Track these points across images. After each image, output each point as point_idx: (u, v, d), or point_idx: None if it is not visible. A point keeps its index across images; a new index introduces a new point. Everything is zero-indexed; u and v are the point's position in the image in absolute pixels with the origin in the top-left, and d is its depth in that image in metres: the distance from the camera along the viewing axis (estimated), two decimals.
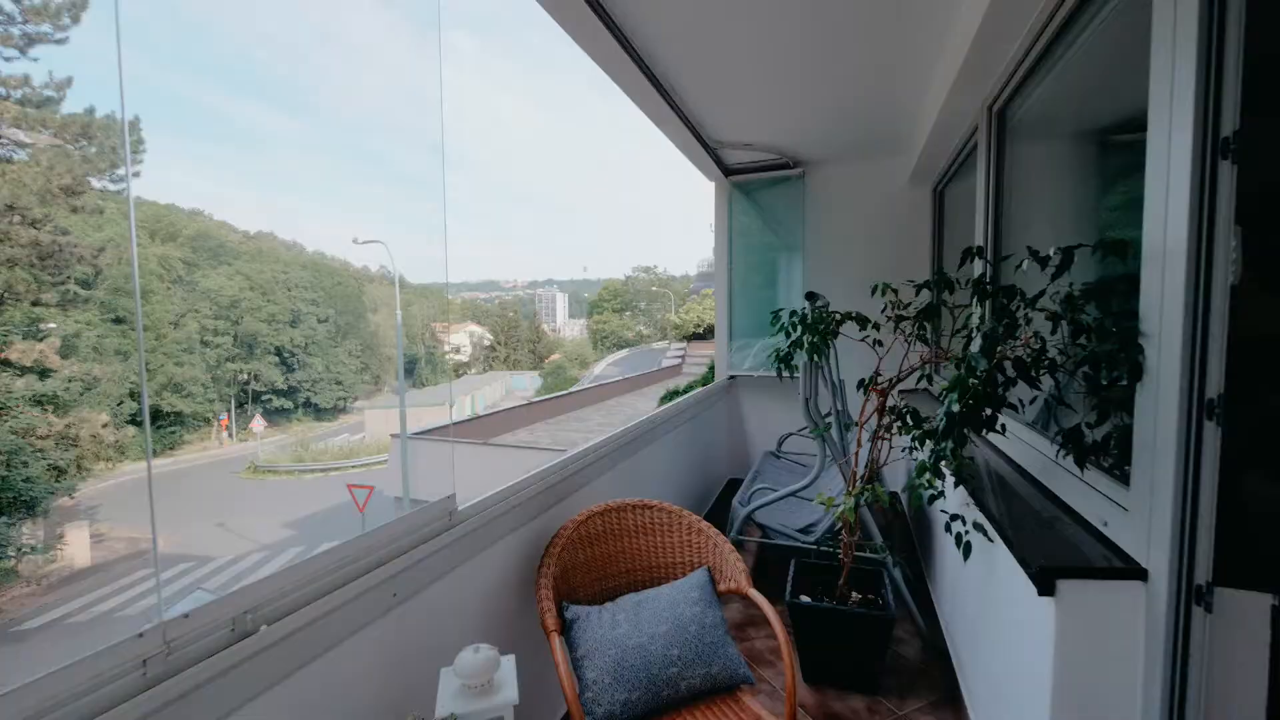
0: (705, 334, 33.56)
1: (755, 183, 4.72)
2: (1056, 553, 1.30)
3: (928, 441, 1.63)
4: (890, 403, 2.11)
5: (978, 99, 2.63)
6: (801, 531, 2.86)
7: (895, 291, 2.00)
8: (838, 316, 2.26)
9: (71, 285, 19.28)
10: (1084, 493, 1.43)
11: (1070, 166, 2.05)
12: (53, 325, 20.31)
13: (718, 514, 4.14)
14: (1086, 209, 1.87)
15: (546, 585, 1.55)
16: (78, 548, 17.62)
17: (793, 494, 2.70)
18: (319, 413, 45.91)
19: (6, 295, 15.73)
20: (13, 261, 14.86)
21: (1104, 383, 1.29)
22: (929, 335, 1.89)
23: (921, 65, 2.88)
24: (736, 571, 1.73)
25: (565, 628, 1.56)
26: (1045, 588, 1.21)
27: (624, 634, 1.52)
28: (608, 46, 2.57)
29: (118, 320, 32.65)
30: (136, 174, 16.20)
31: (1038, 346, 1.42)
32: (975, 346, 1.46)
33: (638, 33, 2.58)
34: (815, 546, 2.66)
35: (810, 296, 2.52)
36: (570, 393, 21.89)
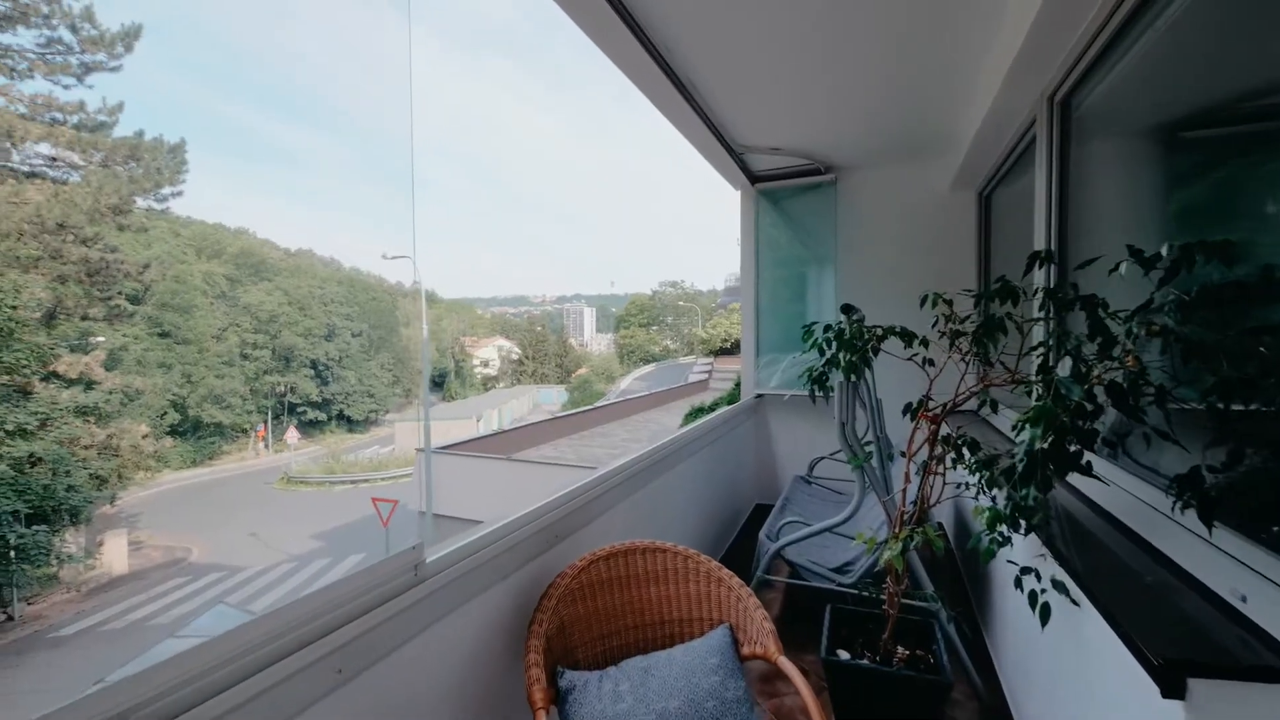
0: (732, 349, 33.14)
1: (783, 190, 4.47)
2: (1178, 636, 1.01)
3: (996, 482, 1.34)
4: (943, 431, 1.82)
5: (1035, 90, 2.35)
6: (837, 571, 2.56)
7: (950, 303, 1.72)
8: (878, 332, 1.99)
9: (119, 300, 20.06)
10: (1208, 556, 1.13)
11: (1153, 161, 1.75)
12: (101, 339, 21.16)
13: (744, 542, 3.84)
14: (1180, 208, 1.57)
15: (536, 649, 1.31)
16: (116, 555, 18.09)
17: (827, 530, 2.41)
18: (351, 425, 46.81)
19: (58, 310, 16.42)
20: (64, 278, 15.52)
21: (1227, 412, 1.00)
22: (990, 353, 1.61)
23: (969, 56, 2.62)
24: (763, 633, 1.46)
25: (559, 698, 1.31)
26: (1172, 688, 0.92)
27: (627, 710, 1.26)
28: (626, 45, 2.39)
29: (163, 334, 33.97)
30: (179, 193, 16.71)
31: (1136, 369, 1.14)
32: (1064, 368, 1.18)
33: (657, 29, 2.39)
34: (853, 590, 2.36)
35: (846, 310, 2.25)
36: (595, 408, 21.73)
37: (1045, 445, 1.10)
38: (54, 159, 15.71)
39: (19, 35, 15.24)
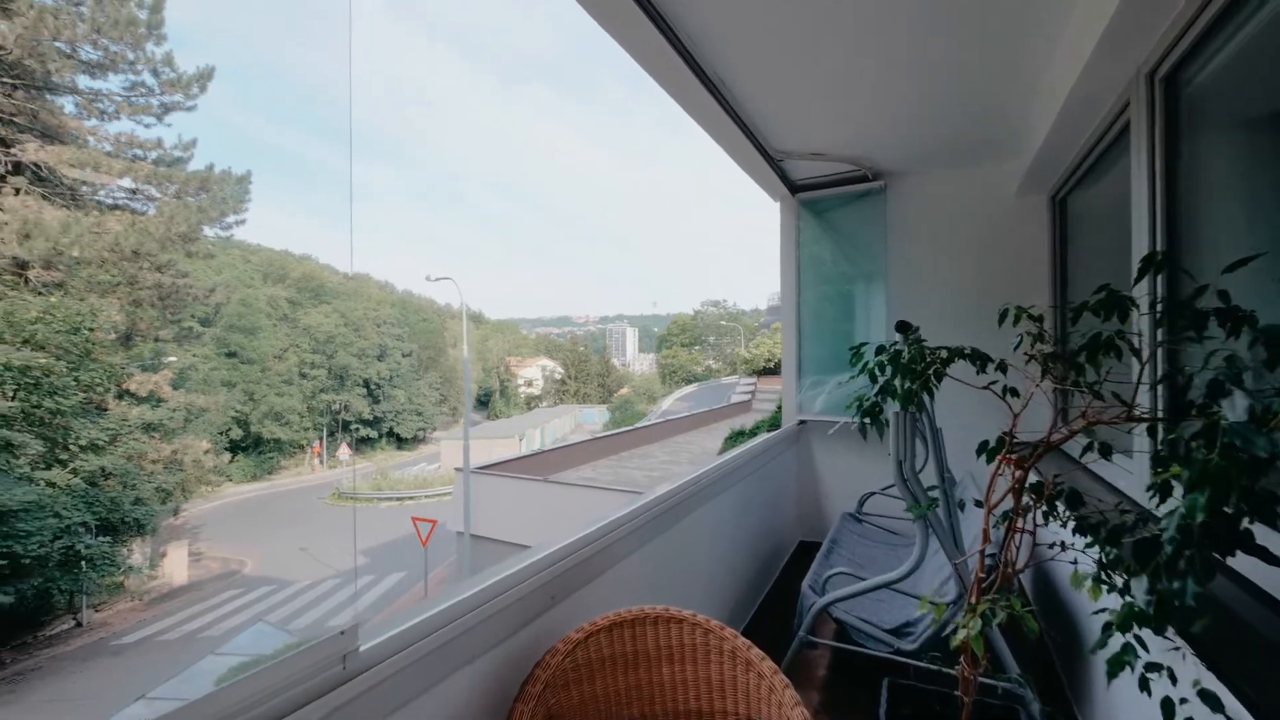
0: (775, 369, 32.35)
1: (827, 200, 4.14)
2: None
3: (1126, 564, 0.99)
4: (1030, 477, 1.46)
5: (1129, 66, 1.99)
6: (895, 633, 2.18)
7: (1039, 320, 1.38)
8: (943, 354, 1.65)
9: (190, 322, 21.26)
10: None
11: None
12: (173, 358, 22.46)
13: (787, 585, 3.46)
14: None
15: None
16: (176, 565, 18.85)
17: (884, 586, 2.04)
18: (400, 442, 48.10)
19: (133, 332, 17.50)
20: (138, 302, 16.55)
21: None
22: (1096, 382, 1.26)
23: (1041, 36, 2.28)
24: None
25: None
26: None
27: None
28: (652, 43, 2.17)
29: (230, 354, 35.92)
30: (242, 221, 17.67)
31: None
32: (1236, 409, 0.84)
33: (680, 19, 2.16)
34: (915, 661, 1.98)
35: (902, 328, 1.92)
36: (635, 429, 21.44)
37: (1202, 517, 0.76)
38: (134, 191, 16.90)
39: (109, 80, 16.60)
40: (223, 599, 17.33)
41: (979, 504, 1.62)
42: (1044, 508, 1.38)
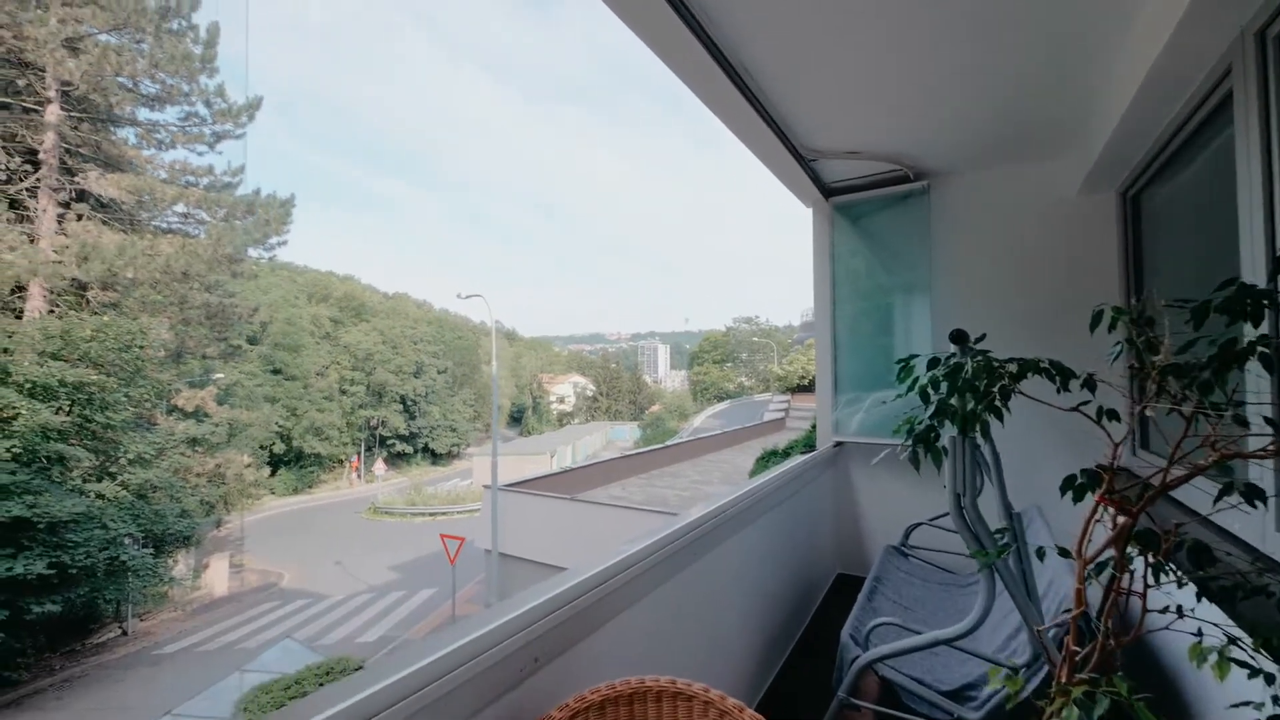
0: (809, 386, 31.56)
1: (863, 204, 3.85)
2: None
3: None
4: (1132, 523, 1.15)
5: (1230, 27, 1.68)
6: (953, 697, 1.85)
7: (1149, 324, 1.09)
8: (1012, 369, 1.36)
9: (236, 340, 22.07)
10: None
11: None
12: (220, 375, 23.29)
13: (824, 627, 3.13)
14: None
15: None
16: (217, 577, 19.29)
17: (940, 644, 1.73)
18: (435, 458, 48.77)
19: (182, 350, 18.21)
20: (187, 321, 17.24)
21: None
22: (1226, 403, 0.97)
23: (1114, 7, 1.99)
24: None
25: None
26: None
27: None
28: (676, 35, 1.98)
29: (275, 371, 37.15)
30: (284, 242, 18.29)
31: None
32: None
33: (706, 12, 1.96)
34: None
35: (958, 337, 1.64)
36: (665, 446, 21.09)
37: None
38: (186, 216, 17.72)
39: (165, 112, 17.54)
40: (260, 611, 17.61)
41: (1064, 553, 1.31)
42: (1159, 564, 1.08)
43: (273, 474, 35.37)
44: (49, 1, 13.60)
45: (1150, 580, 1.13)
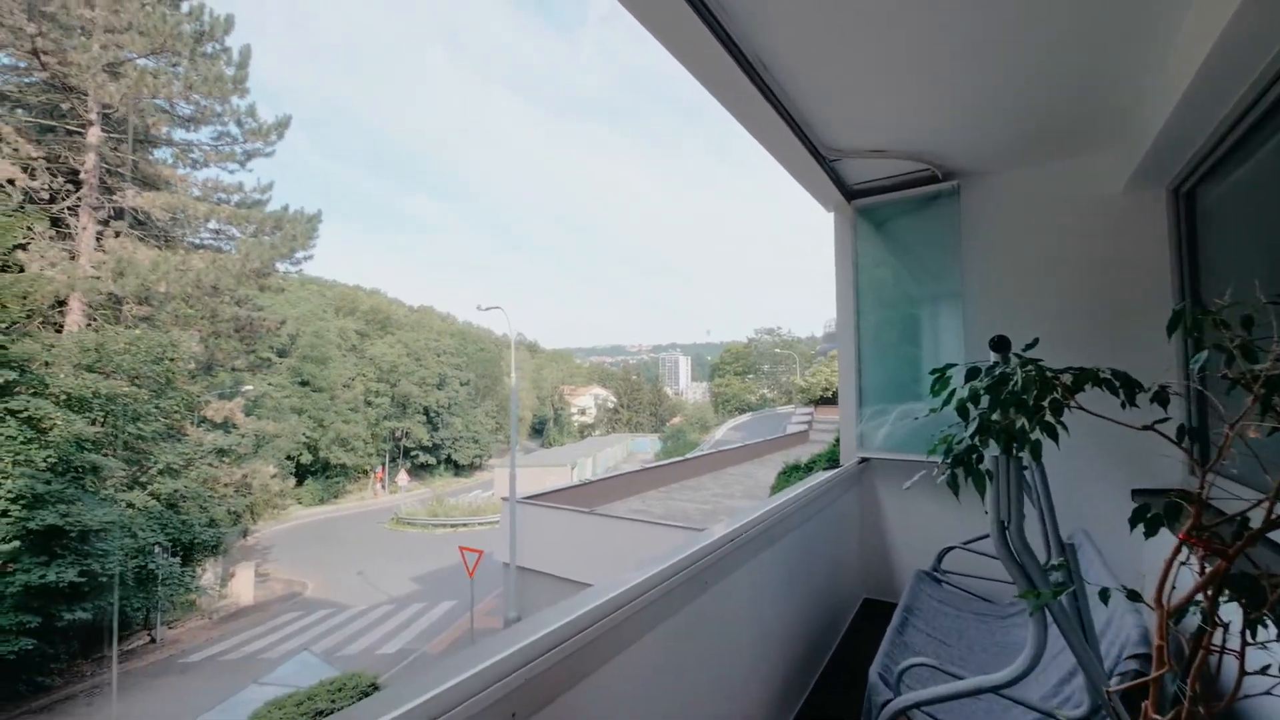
0: (833, 398, 30.96)
1: (888, 207, 3.66)
2: None
3: None
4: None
5: None
6: None
7: (1249, 325, 0.91)
8: (1065, 380, 1.18)
9: (265, 352, 22.57)
10: None
11: None
12: (250, 387, 23.79)
13: (851, 656, 2.91)
14: None
15: None
16: (244, 586, 19.53)
17: (985, 691, 1.52)
18: (458, 469, 49.09)
19: (213, 362, 18.65)
20: (217, 334, 17.66)
21: None
22: None
23: None
24: None
25: None
26: None
27: None
28: (683, 20, 1.86)
29: (303, 383, 37.89)
30: (309, 257, 18.69)
31: None
32: None
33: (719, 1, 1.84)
34: None
35: (999, 344, 1.46)
36: (686, 459, 20.81)
37: None
38: (217, 232, 18.24)
39: (199, 133, 18.14)
40: (284, 620, 17.74)
41: (1133, 596, 1.11)
42: (1260, 617, 0.89)
43: (299, 484, 35.93)
44: (92, 28, 14.21)
45: (1249, 636, 0.93)
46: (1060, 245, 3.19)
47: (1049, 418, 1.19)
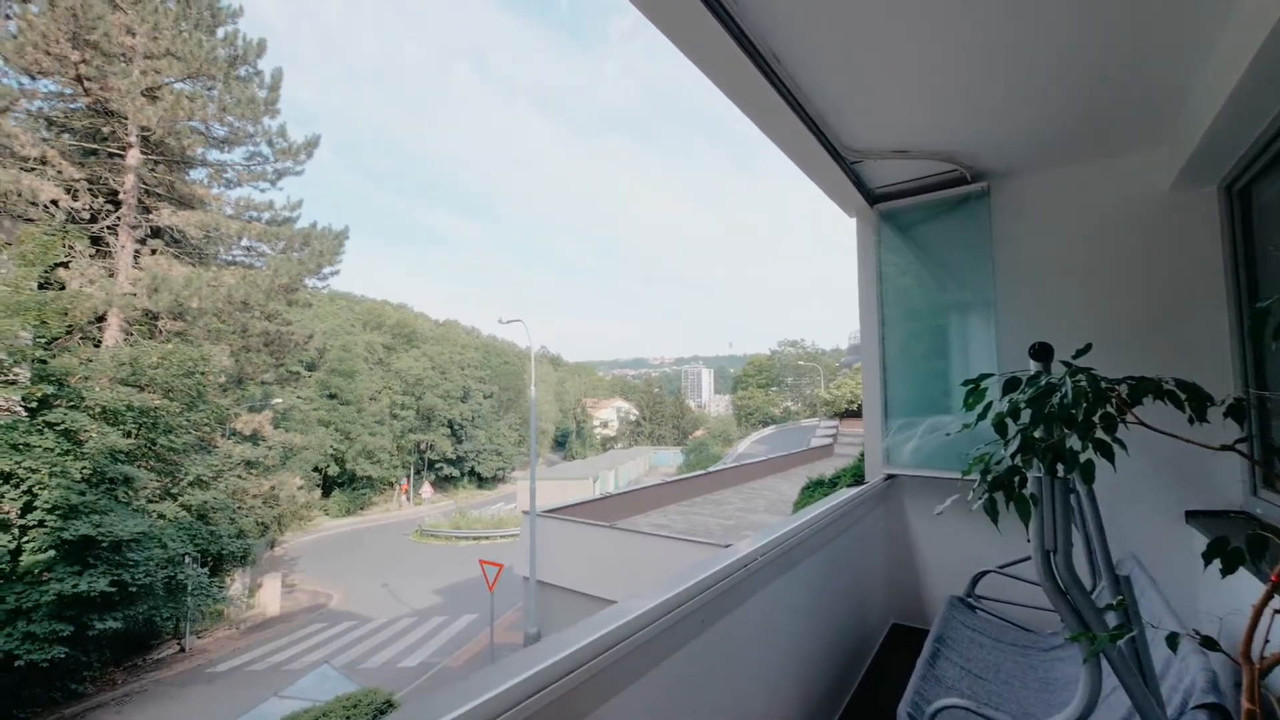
0: (858, 411, 30.36)
1: (913, 211, 3.50)
2: None
3: None
4: None
5: None
6: None
7: None
8: (1121, 392, 1.03)
9: (294, 366, 23.06)
10: None
11: None
12: (279, 400, 24.31)
13: (878, 685, 2.72)
14: None
15: None
16: (270, 596, 19.76)
17: None
18: (481, 481, 49.35)
19: (243, 375, 19.10)
20: (248, 348, 18.10)
21: None
22: None
23: None
24: None
25: None
26: None
27: None
28: (691, 12, 1.77)
29: (331, 396, 38.60)
30: (336, 272, 19.09)
31: None
32: None
33: None
34: None
35: (1040, 352, 1.32)
36: (708, 472, 20.54)
37: None
38: (249, 249, 18.76)
39: (233, 153, 18.77)
40: (309, 631, 17.88)
41: (1209, 644, 0.95)
42: None
43: (327, 496, 36.46)
44: (132, 55, 14.85)
45: None
46: (1102, 249, 3.00)
47: (1101, 434, 1.05)
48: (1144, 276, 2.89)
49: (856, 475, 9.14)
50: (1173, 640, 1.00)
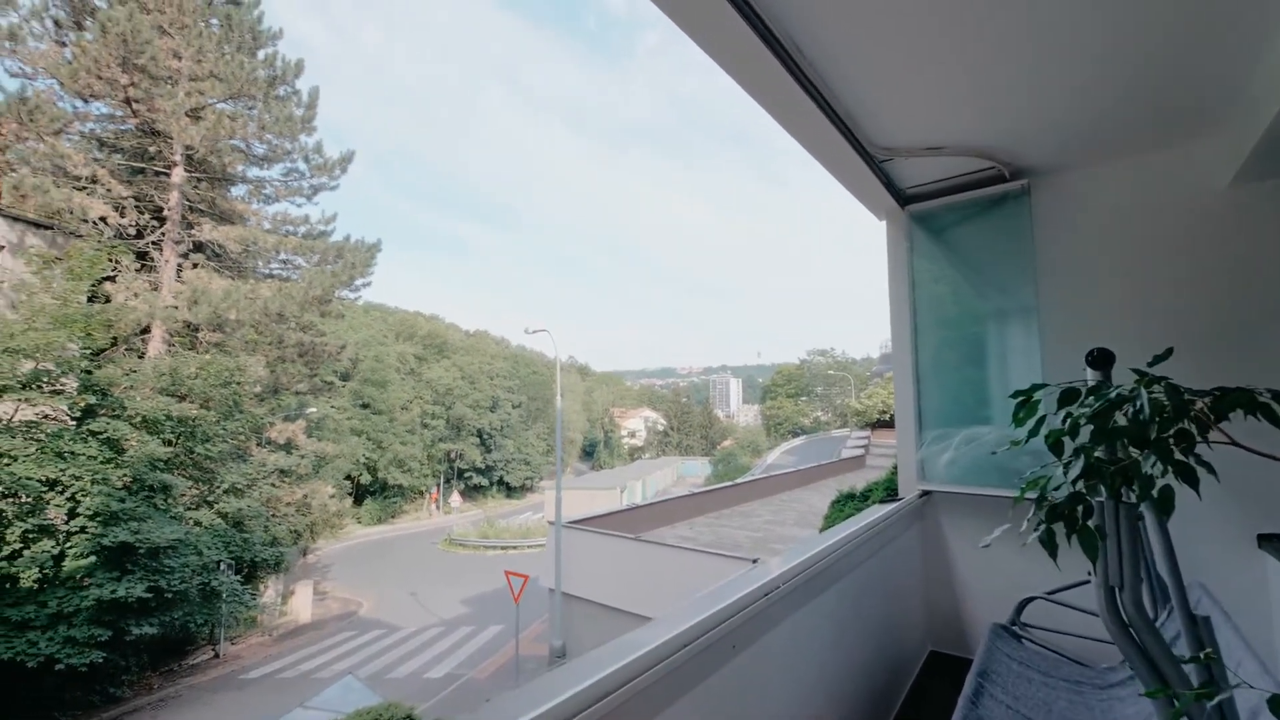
0: (890, 421, 29.58)
1: (947, 212, 3.32)
2: None
3: None
4: None
5: None
6: None
7: None
8: (1203, 405, 0.88)
9: (329, 376, 23.60)
10: None
11: None
12: (313, 409, 24.87)
13: (915, 717, 2.52)
14: None
15: None
16: (302, 604, 20.09)
17: None
18: (509, 490, 49.64)
19: (278, 385, 19.61)
20: (283, 358, 18.60)
21: None
22: None
23: None
24: None
25: None
26: None
27: None
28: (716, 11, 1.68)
29: (364, 405, 39.40)
30: (368, 284, 19.53)
31: None
32: None
33: None
34: None
35: (1099, 359, 1.16)
36: (736, 484, 20.22)
37: None
38: (285, 262, 19.33)
39: (272, 170, 19.43)
40: (338, 640, 18.09)
41: None
42: None
43: (358, 504, 37.08)
44: (178, 77, 15.53)
45: None
46: (1154, 250, 2.77)
47: (1179, 455, 0.89)
48: (1203, 278, 2.65)
49: (889, 489, 8.80)
50: (1276, 705, 0.84)
